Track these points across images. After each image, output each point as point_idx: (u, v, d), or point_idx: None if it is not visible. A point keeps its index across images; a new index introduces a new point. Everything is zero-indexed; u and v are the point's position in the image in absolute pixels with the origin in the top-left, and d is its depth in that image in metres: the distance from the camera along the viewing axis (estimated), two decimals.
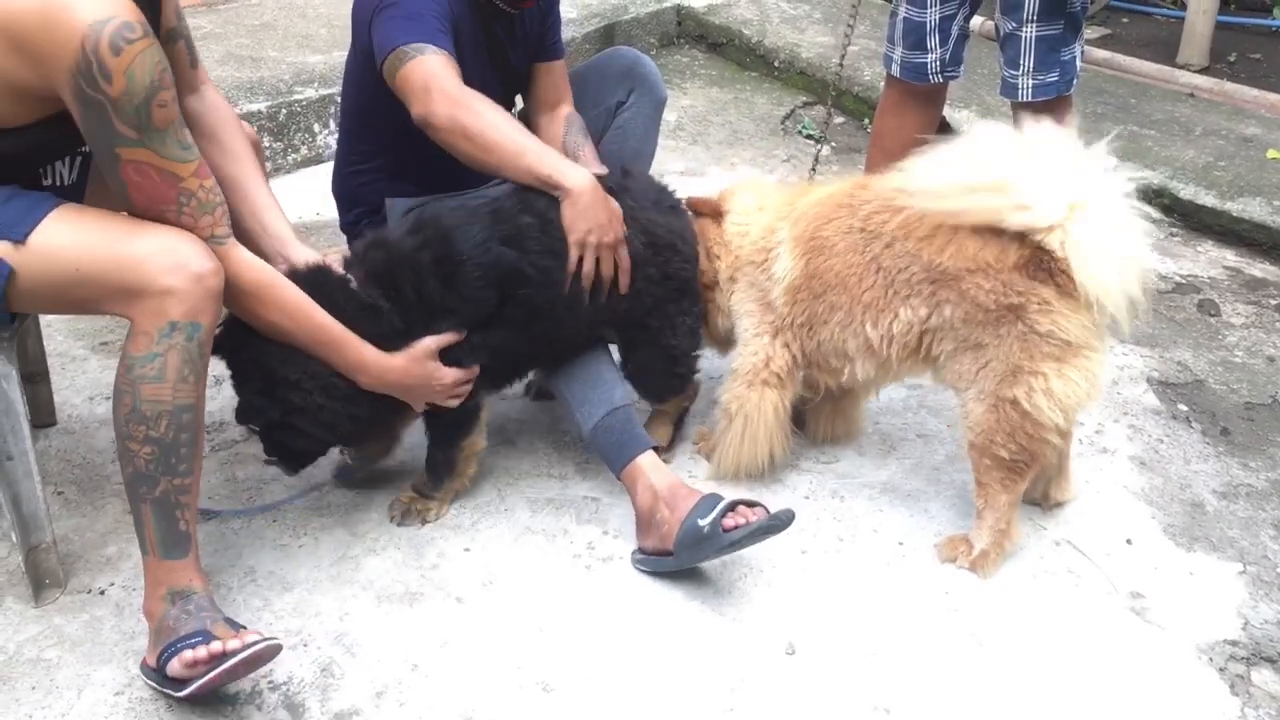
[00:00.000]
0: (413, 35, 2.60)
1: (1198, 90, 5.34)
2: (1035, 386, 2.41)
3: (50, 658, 2.30)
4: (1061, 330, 2.38)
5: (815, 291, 2.65)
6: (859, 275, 2.58)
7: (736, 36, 5.68)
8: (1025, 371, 2.42)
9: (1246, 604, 2.54)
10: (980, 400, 2.49)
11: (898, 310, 2.54)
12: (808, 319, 2.69)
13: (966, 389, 2.53)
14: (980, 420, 2.50)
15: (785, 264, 2.69)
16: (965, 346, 2.49)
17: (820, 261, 2.63)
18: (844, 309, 2.62)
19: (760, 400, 2.76)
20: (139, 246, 2.08)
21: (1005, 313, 2.40)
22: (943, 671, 2.34)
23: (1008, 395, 2.44)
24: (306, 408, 2.39)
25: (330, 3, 5.53)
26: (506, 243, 2.52)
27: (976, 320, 2.44)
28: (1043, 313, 2.37)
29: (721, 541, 2.38)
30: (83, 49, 1.93)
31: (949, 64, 3.40)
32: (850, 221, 2.61)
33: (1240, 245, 4.17)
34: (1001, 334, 2.42)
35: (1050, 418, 2.43)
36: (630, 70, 3.14)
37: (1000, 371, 2.45)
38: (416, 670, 2.30)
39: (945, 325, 2.50)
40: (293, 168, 4.48)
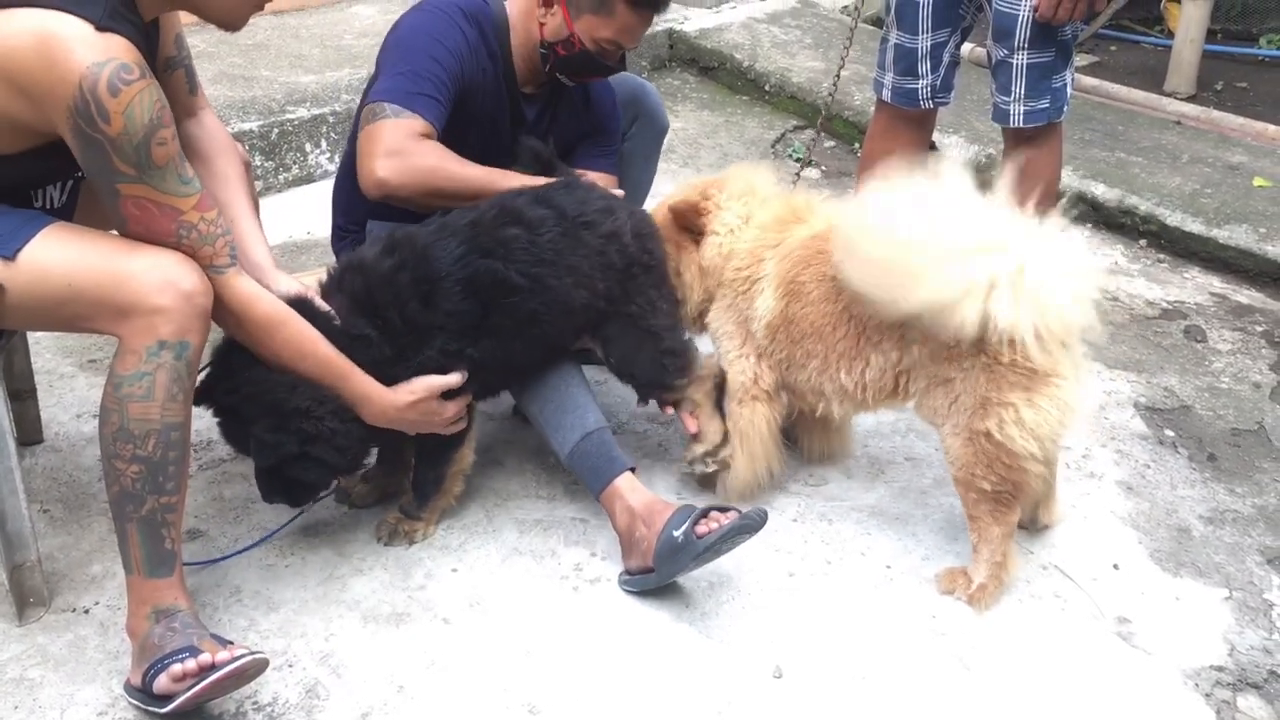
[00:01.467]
0: (397, 94, 2.61)
1: (1184, 118, 5.38)
2: (1006, 418, 2.40)
3: (34, 677, 2.28)
4: (1025, 359, 2.36)
5: (793, 336, 2.68)
6: (832, 325, 2.60)
7: (728, 60, 5.71)
8: (994, 403, 2.41)
9: (1233, 630, 2.55)
10: (955, 434, 2.50)
11: (869, 357, 2.57)
12: (786, 358, 2.71)
13: (942, 424, 2.53)
14: (959, 454, 2.50)
15: (767, 302, 2.70)
16: (935, 382, 2.50)
17: (798, 308, 2.65)
18: (820, 356, 2.64)
19: (753, 415, 2.77)
20: (129, 264, 2.08)
21: (969, 349, 2.40)
22: (930, 696, 2.34)
23: (980, 428, 2.44)
24: (321, 434, 2.38)
25: (323, 23, 5.55)
26: (488, 254, 2.51)
27: (942, 356, 2.46)
28: (1009, 346, 2.34)
29: (696, 548, 2.37)
30: (80, 90, 1.94)
31: (940, 90, 3.43)
32: (823, 269, 2.61)
33: (1226, 272, 4.19)
34: (966, 367, 2.43)
35: (1024, 447, 2.41)
36: (634, 99, 3.16)
37: (970, 405, 2.45)
38: (403, 692, 2.29)
39: (916, 364, 2.51)
40: (284, 186, 4.48)
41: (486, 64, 2.79)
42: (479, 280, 2.49)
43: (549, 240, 2.56)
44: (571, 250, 2.59)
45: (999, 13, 3.16)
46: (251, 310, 2.26)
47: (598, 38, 2.75)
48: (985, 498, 2.50)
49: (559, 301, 2.57)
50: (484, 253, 2.51)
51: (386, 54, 2.75)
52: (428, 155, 2.61)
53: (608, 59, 2.82)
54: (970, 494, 2.52)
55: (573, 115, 3.00)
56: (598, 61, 2.80)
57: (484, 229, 2.54)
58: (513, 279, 2.51)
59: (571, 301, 2.59)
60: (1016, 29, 3.13)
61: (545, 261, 2.55)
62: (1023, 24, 3.12)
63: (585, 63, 2.81)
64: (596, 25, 2.74)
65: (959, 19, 3.34)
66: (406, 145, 2.59)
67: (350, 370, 2.40)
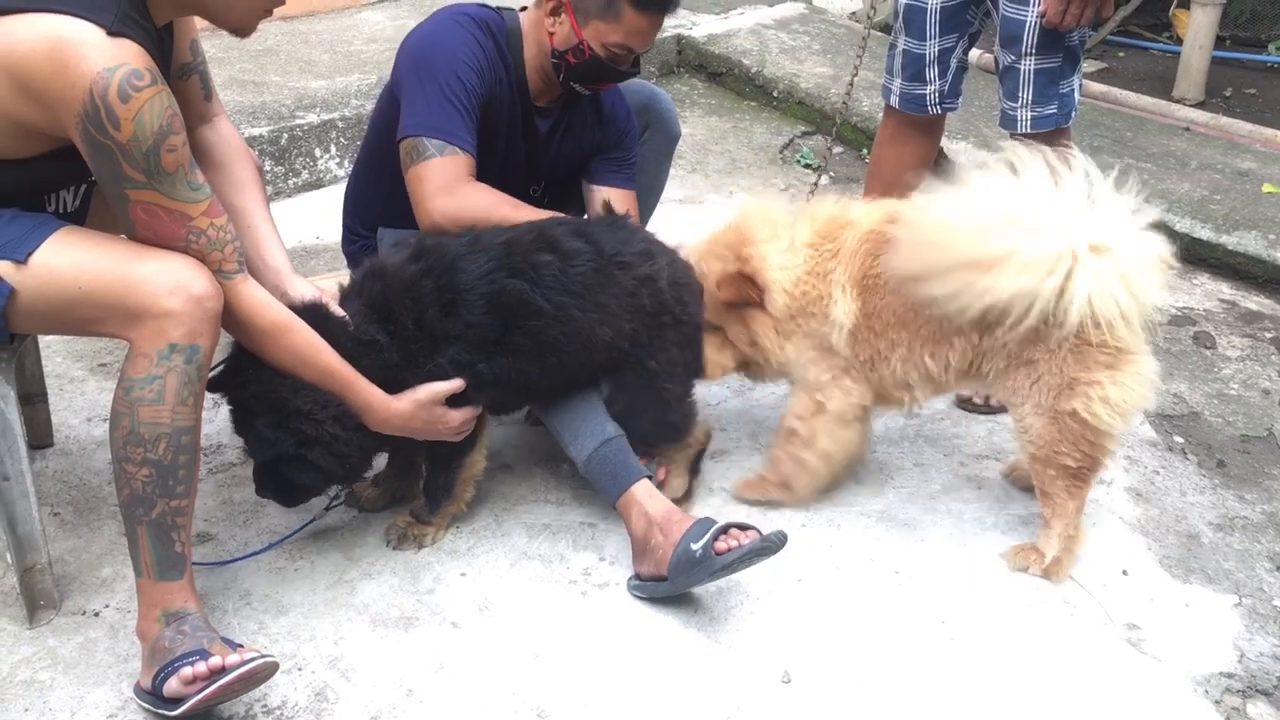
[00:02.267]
0: (430, 126, 2.66)
1: (1194, 124, 5.38)
2: (1093, 395, 2.48)
3: (44, 679, 2.29)
4: (1114, 339, 2.43)
5: (876, 330, 2.67)
6: (915, 310, 2.59)
7: (736, 66, 5.71)
8: (1081, 382, 2.48)
9: (1242, 636, 2.54)
10: (1038, 414, 2.55)
11: (953, 340, 2.59)
12: (869, 357, 2.70)
13: (1022, 403, 2.58)
14: (1041, 433, 2.56)
15: (844, 307, 2.67)
16: (1018, 364, 2.55)
17: (877, 300, 2.64)
18: (904, 345, 2.65)
19: (854, 436, 2.79)
20: (140, 268, 2.09)
21: (1052, 329, 2.44)
22: (939, 701, 2.33)
23: (1066, 408, 2.51)
24: (319, 438, 2.39)
25: (333, 29, 5.57)
26: (516, 274, 2.51)
27: (1028, 338, 2.48)
28: (1097, 326, 2.41)
29: (714, 565, 2.37)
30: (91, 95, 1.95)
31: (948, 96, 3.43)
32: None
33: (1236, 278, 4.19)
34: (1051, 348, 2.48)
35: (1110, 424, 2.50)
36: (647, 105, 3.17)
37: (1055, 384, 2.51)
38: (411, 695, 2.29)
39: (997, 345, 2.54)
40: (293, 192, 4.49)
41: (502, 75, 2.80)
42: (503, 297, 2.50)
43: (580, 273, 2.56)
44: (602, 287, 2.59)
45: (1006, 18, 3.16)
46: (256, 316, 2.26)
47: (607, 43, 2.75)
48: (1064, 474, 2.57)
49: (580, 334, 2.57)
50: (513, 272, 2.52)
51: (410, 70, 2.75)
52: (479, 198, 2.67)
53: (620, 64, 2.82)
54: (1049, 470, 2.58)
55: (585, 129, 3.00)
56: (610, 68, 2.81)
57: (518, 250, 2.55)
58: (537, 302, 2.52)
59: (594, 337, 2.59)
60: (1024, 34, 3.13)
61: (573, 293, 2.55)
62: (1030, 29, 3.12)
63: (597, 69, 2.81)
64: (604, 30, 2.74)
65: (967, 24, 3.35)
66: (458, 188, 2.65)
67: (353, 379, 2.40)
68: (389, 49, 2.99)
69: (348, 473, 2.52)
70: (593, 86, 2.89)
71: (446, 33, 2.76)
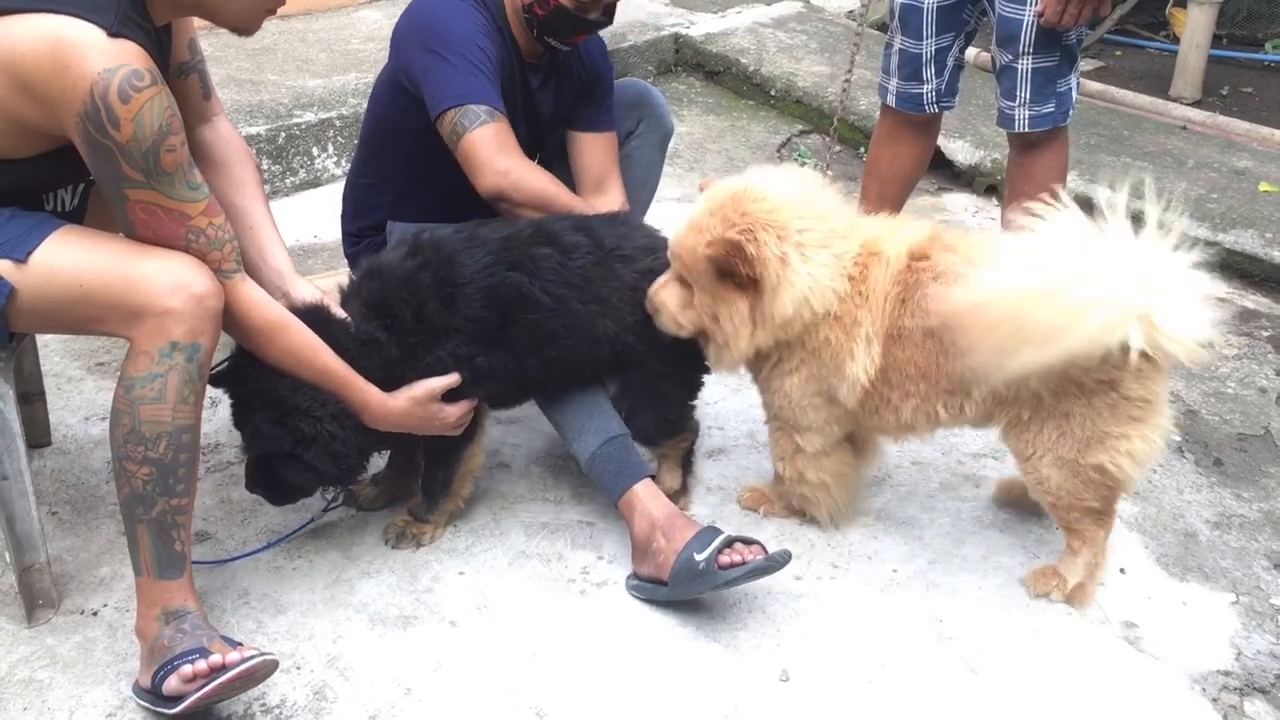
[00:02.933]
0: (470, 94, 2.68)
1: (1190, 123, 5.38)
2: (1120, 449, 2.40)
3: (42, 678, 2.29)
4: (1150, 394, 2.37)
5: (891, 382, 2.51)
6: (937, 361, 2.44)
7: (734, 65, 5.71)
8: (1112, 436, 2.39)
9: (1239, 634, 2.55)
10: (1059, 466, 2.45)
11: (972, 391, 2.44)
12: (876, 406, 2.55)
13: (1041, 455, 2.46)
14: (1061, 485, 2.47)
15: (865, 364, 2.48)
16: (1049, 416, 2.42)
17: (900, 353, 2.48)
18: (920, 396, 2.50)
19: (842, 458, 2.72)
20: (141, 267, 2.09)
21: (1100, 385, 2.36)
22: (937, 700, 2.34)
23: (1092, 461, 2.41)
24: (317, 436, 2.39)
25: (330, 28, 5.56)
26: (515, 268, 2.52)
27: (1069, 393, 2.38)
28: (1138, 380, 2.34)
29: (716, 579, 2.38)
30: (91, 95, 1.96)
31: (944, 94, 3.43)
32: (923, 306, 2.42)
33: (1233, 277, 4.18)
34: (1095, 404, 2.38)
35: (1131, 474, 2.44)
36: (639, 101, 3.18)
37: (1084, 438, 2.41)
38: (410, 694, 2.30)
39: (1026, 396, 2.41)
40: (291, 190, 4.49)
41: (497, 37, 2.82)
42: (501, 290, 2.51)
43: (580, 266, 2.58)
44: (603, 280, 2.61)
45: (1003, 18, 3.16)
46: (254, 315, 2.27)
47: None
48: (1088, 514, 2.51)
49: (581, 327, 2.58)
50: (511, 265, 2.53)
51: (420, 50, 2.76)
52: (539, 177, 2.76)
53: (588, 12, 2.79)
54: (1071, 514, 2.52)
55: (570, 76, 3.01)
56: (578, 17, 2.79)
57: (516, 244, 2.56)
58: (536, 295, 2.52)
59: (595, 330, 2.60)
60: (1021, 34, 3.14)
61: (573, 285, 2.56)
62: (1027, 29, 3.12)
63: (566, 20, 2.79)
64: None
65: (963, 23, 3.35)
66: (517, 158, 2.72)
67: (350, 378, 2.40)
68: (386, 48, 2.98)
69: (342, 474, 2.52)
70: (568, 40, 2.88)
71: (448, 6, 2.78)
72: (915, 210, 4.37)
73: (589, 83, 3.04)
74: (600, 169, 3.04)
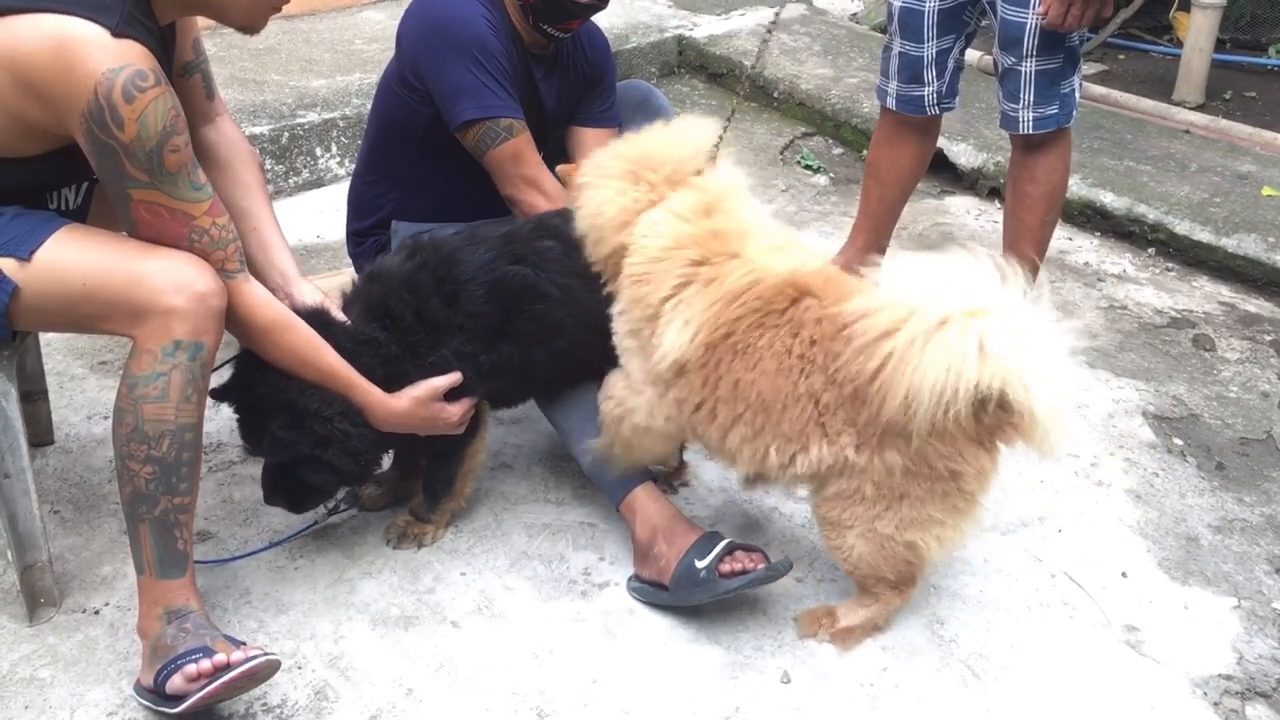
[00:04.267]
0: (492, 105, 2.75)
1: (1193, 127, 5.38)
2: (933, 534, 2.31)
3: (44, 677, 2.29)
4: (981, 492, 2.29)
5: (721, 395, 2.32)
6: (784, 404, 2.27)
7: (736, 67, 5.71)
8: (933, 521, 2.30)
9: (1241, 638, 2.54)
10: (867, 539, 2.32)
11: (810, 445, 2.27)
12: (699, 408, 2.36)
13: (851, 525, 2.32)
14: (864, 556, 2.34)
15: (677, 339, 2.31)
16: (889, 494, 2.27)
17: (737, 367, 2.29)
18: (754, 427, 2.31)
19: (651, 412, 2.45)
20: (144, 265, 2.09)
21: (947, 475, 2.24)
22: (938, 703, 2.34)
23: (905, 538, 2.31)
24: (331, 437, 2.39)
25: (334, 28, 5.57)
26: (519, 261, 2.54)
27: (921, 475, 2.24)
28: (977, 479, 2.26)
29: (717, 589, 2.38)
30: (95, 95, 1.96)
31: (945, 96, 3.44)
32: (788, 342, 2.26)
33: (1235, 281, 4.19)
34: (934, 489, 2.26)
35: (934, 557, 2.36)
36: (644, 103, 3.19)
37: (908, 518, 2.29)
38: (411, 695, 2.30)
39: (876, 469, 2.24)
40: (294, 191, 4.49)
41: (501, 30, 2.83)
42: (506, 284, 2.52)
43: (584, 256, 2.57)
44: None
45: (1006, 21, 3.16)
46: (257, 315, 2.27)
47: None
48: (884, 585, 2.42)
49: (589, 316, 2.58)
50: (515, 259, 2.54)
51: (429, 51, 2.79)
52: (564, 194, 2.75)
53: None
54: (868, 582, 2.42)
55: (575, 69, 3.03)
56: (571, 2, 2.81)
57: (518, 240, 2.59)
58: (542, 285, 2.54)
59: (602, 319, 2.60)
60: (1024, 37, 3.14)
61: (578, 275, 2.56)
62: (1030, 31, 3.12)
63: (557, 7, 2.81)
64: None
65: (963, 25, 3.35)
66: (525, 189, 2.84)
67: (353, 379, 2.41)
68: (390, 48, 2.98)
69: (361, 470, 2.53)
70: (562, 26, 2.88)
71: (453, 2, 2.80)
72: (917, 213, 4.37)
73: (593, 78, 3.06)
74: None
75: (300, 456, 2.41)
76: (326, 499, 2.60)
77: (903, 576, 2.41)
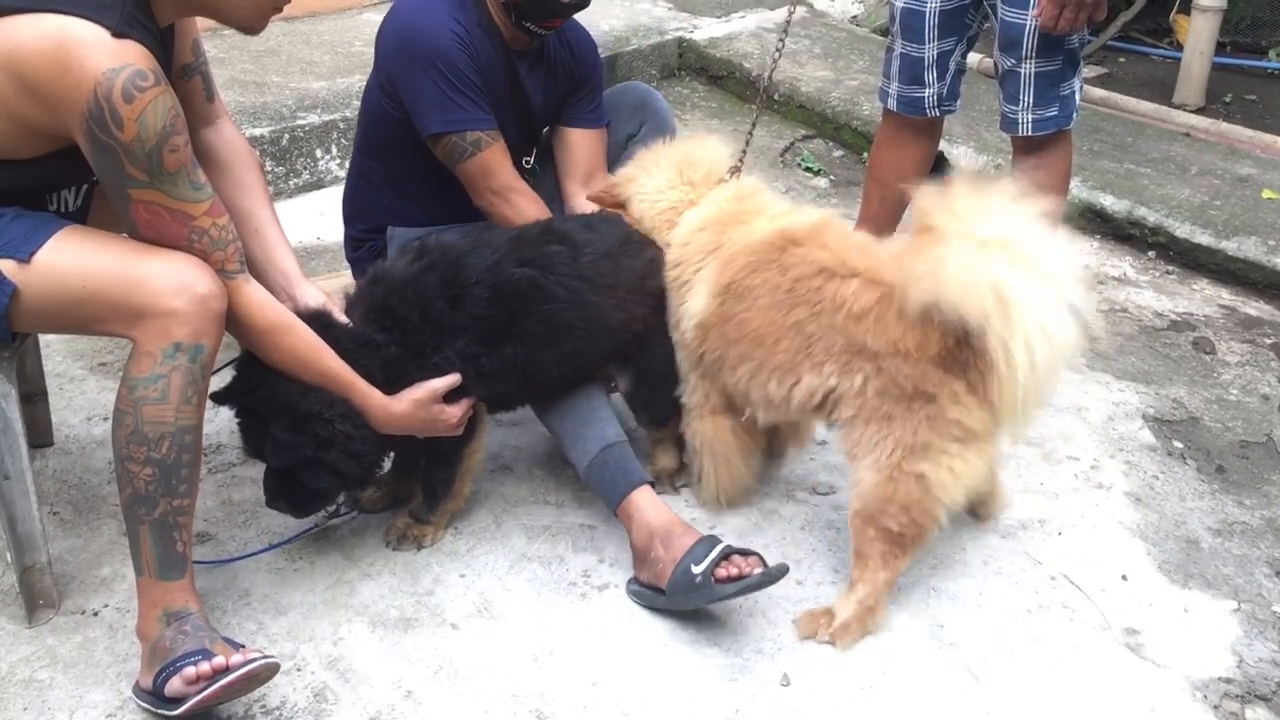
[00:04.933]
0: (459, 120, 2.76)
1: (1194, 130, 5.38)
2: (941, 463, 2.36)
3: (43, 679, 2.29)
4: (967, 421, 2.34)
5: (729, 337, 2.58)
6: (776, 335, 2.50)
7: (737, 69, 5.71)
8: (934, 448, 2.36)
9: (1241, 641, 2.54)
10: (877, 470, 2.40)
11: (803, 375, 2.48)
12: (717, 360, 2.63)
13: (863, 456, 2.43)
14: (873, 489, 2.41)
15: (700, 302, 2.63)
16: (874, 415, 2.40)
17: (740, 309, 2.56)
18: (755, 362, 2.55)
19: (716, 428, 2.75)
20: (144, 267, 2.09)
21: (918, 395, 2.35)
22: (937, 706, 2.34)
23: (913, 469, 2.37)
24: (334, 439, 2.39)
25: (334, 29, 5.57)
26: (526, 264, 2.56)
27: (892, 395, 2.37)
28: (952, 402, 2.34)
29: (713, 594, 2.38)
30: (95, 95, 1.95)
31: (946, 98, 3.43)
32: (778, 280, 2.51)
33: (1235, 284, 4.19)
34: (913, 409, 2.36)
35: (949, 495, 2.39)
36: (642, 104, 3.19)
37: (907, 444, 2.37)
38: (410, 697, 2.29)
39: (854, 393, 2.41)
40: (294, 192, 4.49)
41: (479, 32, 2.82)
42: (512, 286, 2.53)
43: (590, 261, 2.62)
44: (613, 273, 2.66)
45: (1006, 22, 3.16)
46: (257, 317, 2.27)
47: None
48: (885, 537, 2.42)
49: (597, 318, 2.61)
50: (522, 262, 2.56)
51: (402, 63, 2.79)
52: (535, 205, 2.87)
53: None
54: (869, 530, 2.43)
55: (560, 68, 3.03)
56: (553, 1, 2.81)
57: (526, 243, 2.61)
58: (549, 286, 2.56)
59: (610, 320, 2.64)
60: (1024, 38, 3.14)
61: (585, 278, 2.59)
62: (1030, 33, 3.12)
63: (540, 5, 2.81)
64: None
65: (965, 27, 3.35)
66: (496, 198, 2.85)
67: (353, 381, 2.40)
68: None
69: (365, 472, 2.52)
70: (545, 24, 2.87)
71: (424, 10, 2.80)
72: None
73: (580, 76, 3.06)
74: (589, 164, 3.07)
75: (303, 459, 2.40)
76: (329, 503, 2.60)
77: (906, 529, 2.40)
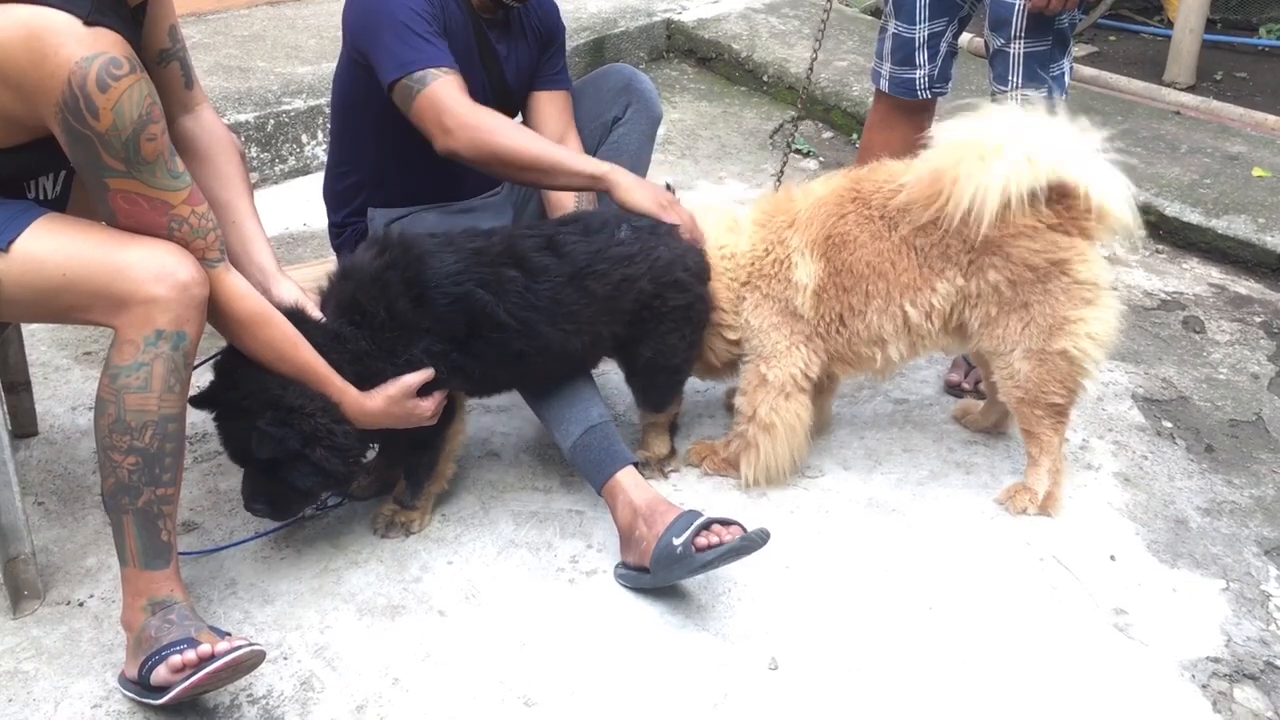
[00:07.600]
0: (411, 60, 2.64)
1: (1184, 108, 5.37)
2: (1079, 332, 2.65)
3: (28, 669, 2.28)
4: (1095, 276, 2.63)
5: (845, 286, 2.73)
6: (892, 260, 2.69)
7: (726, 51, 5.69)
8: (1070, 321, 2.64)
9: (1229, 621, 2.54)
10: (1027, 358, 2.69)
11: (935, 285, 2.68)
12: (839, 315, 2.76)
13: (1010, 350, 2.70)
14: (1030, 376, 2.70)
15: (807, 269, 2.74)
16: (1010, 308, 2.66)
17: (845, 256, 2.72)
18: (882, 294, 2.71)
19: (798, 409, 2.82)
20: (125, 255, 2.07)
21: (1052, 268, 2.61)
22: (926, 687, 2.34)
23: (1056, 348, 2.66)
24: (317, 433, 2.38)
25: (319, 14, 5.53)
26: (483, 285, 2.50)
27: (1025, 280, 2.62)
28: (1083, 263, 2.61)
29: (694, 562, 2.37)
30: (69, 85, 1.93)
31: (937, 80, 3.42)
32: (866, 212, 2.72)
33: (1225, 262, 4.19)
34: (1050, 289, 2.63)
35: (1095, 356, 2.69)
36: (627, 86, 3.16)
37: (1046, 326, 2.65)
38: (397, 684, 2.29)
39: (987, 291, 2.66)
40: (280, 178, 4.47)
41: (450, 3, 2.80)
42: (468, 304, 2.50)
43: (547, 289, 2.56)
44: (573, 300, 2.59)
45: (995, 3, 3.15)
46: (236, 306, 2.25)
47: None
48: (1051, 411, 2.74)
49: (550, 348, 2.58)
50: (479, 282, 2.50)
51: (364, 29, 2.75)
52: (494, 130, 2.65)
53: None
54: (1036, 411, 2.74)
55: (530, 34, 3.01)
56: None
57: (485, 260, 2.54)
58: (499, 316, 2.51)
59: (567, 347, 2.61)
60: (1013, 18, 3.12)
61: (538, 308, 2.54)
62: (1019, 13, 3.11)
63: None
64: None
65: (957, 8, 3.33)
66: (468, 116, 2.63)
67: (329, 376, 2.39)
68: None
69: (348, 469, 2.49)
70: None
71: None
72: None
73: (546, 37, 3.04)
74: (559, 126, 3.04)
75: (288, 452, 2.38)
76: (310, 502, 2.57)
77: (1068, 397, 2.73)
